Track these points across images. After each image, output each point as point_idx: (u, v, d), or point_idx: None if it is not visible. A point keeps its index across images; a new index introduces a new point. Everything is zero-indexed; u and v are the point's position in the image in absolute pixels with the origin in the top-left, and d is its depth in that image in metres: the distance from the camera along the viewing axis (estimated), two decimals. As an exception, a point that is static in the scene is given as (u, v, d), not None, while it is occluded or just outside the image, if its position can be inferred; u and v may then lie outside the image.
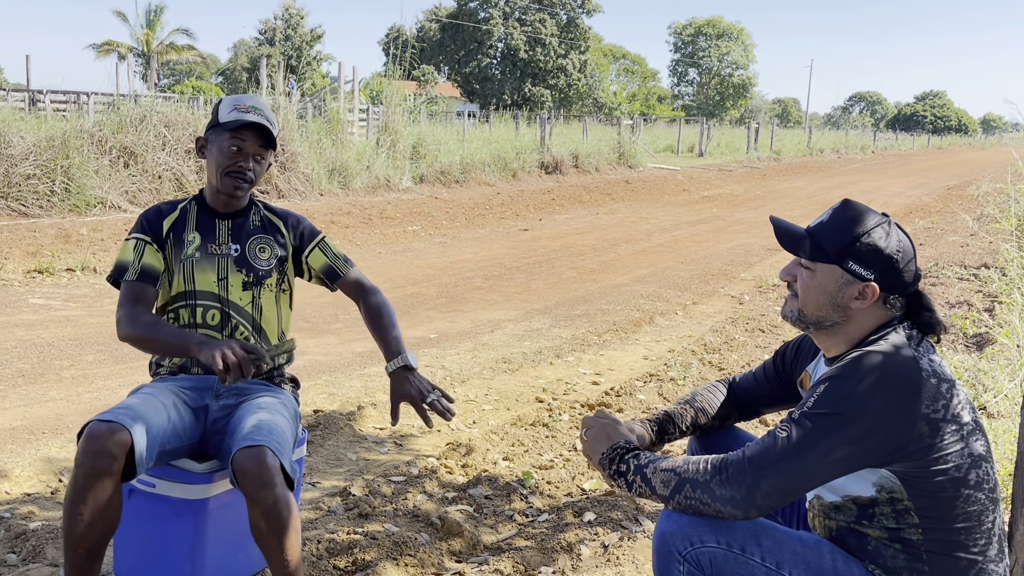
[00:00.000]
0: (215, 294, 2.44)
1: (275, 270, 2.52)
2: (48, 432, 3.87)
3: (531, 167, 18.73)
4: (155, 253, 2.43)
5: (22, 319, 5.94)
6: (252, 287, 2.48)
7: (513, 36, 51.89)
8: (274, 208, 2.62)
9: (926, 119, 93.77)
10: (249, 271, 2.48)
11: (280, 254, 2.53)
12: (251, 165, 2.43)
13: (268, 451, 2.07)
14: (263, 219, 2.57)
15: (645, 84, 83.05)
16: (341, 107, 15.17)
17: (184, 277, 2.44)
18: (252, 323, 2.48)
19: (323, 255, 2.59)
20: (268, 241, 2.52)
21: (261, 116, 2.41)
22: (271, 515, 2.05)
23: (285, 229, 2.57)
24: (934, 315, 1.77)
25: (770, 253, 10.26)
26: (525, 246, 10.39)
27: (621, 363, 5.45)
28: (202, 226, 2.48)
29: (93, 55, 49.61)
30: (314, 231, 2.62)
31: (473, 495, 3.26)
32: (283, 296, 2.58)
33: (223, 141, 2.40)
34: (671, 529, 1.73)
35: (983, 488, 1.68)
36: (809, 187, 21.56)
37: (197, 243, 2.45)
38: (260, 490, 2.04)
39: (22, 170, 9.75)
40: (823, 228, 1.79)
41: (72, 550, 2.07)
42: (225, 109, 2.44)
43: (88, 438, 2.02)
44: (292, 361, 2.62)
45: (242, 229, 2.51)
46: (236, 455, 2.07)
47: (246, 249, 2.49)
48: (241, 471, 2.05)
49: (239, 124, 2.38)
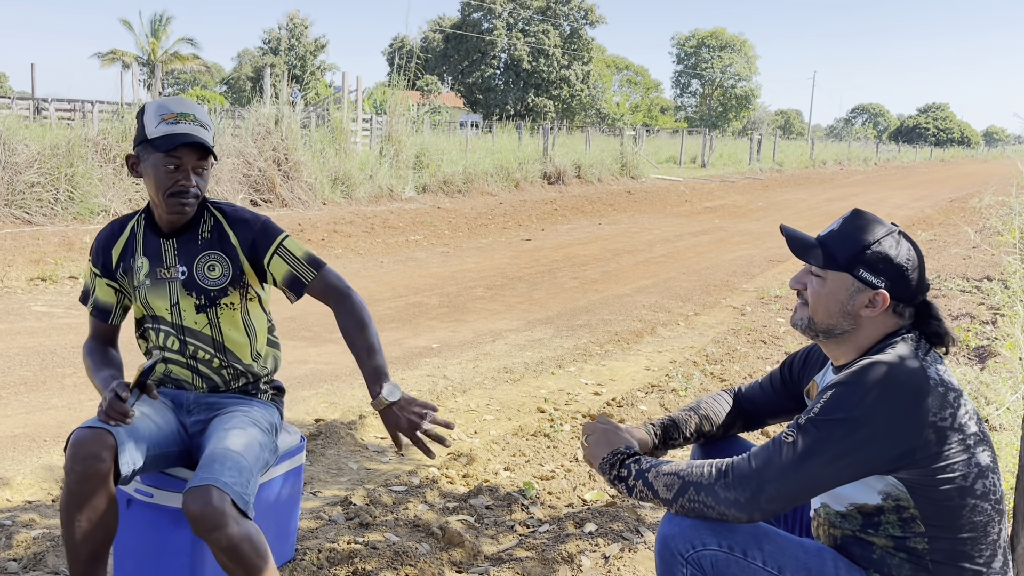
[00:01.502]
0: (169, 321, 2.34)
1: (231, 286, 2.33)
2: (50, 440, 3.87)
3: (534, 177, 18.75)
4: (105, 287, 2.39)
5: (25, 326, 5.95)
6: (206, 309, 2.32)
7: (516, 47, 52.06)
8: (227, 211, 2.37)
9: (929, 131, 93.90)
10: (199, 293, 2.31)
11: (233, 269, 2.32)
12: (193, 181, 2.22)
13: (214, 490, 1.98)
14: (213, 229, 2.34)
15: (648, 95, 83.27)
16: (344, 117, 15.22)
17: (142, 303, 2.35)
18: (213, 345, 2.35)
19: (283, 262, 2.31)
20: (218, 257, 2.32)
21: (193, 124, 2.20)
22: (230, 553, 1.97)
23: (235, 239, 2.32)
24: (943, 325, 1.78)
25: (772, 264, 10.26)
26: (527, 256, 10.40)
27: (623, 373, 5.44)
28: (149, 249, 2.33)
29: (98, 64, 49.87)
30: (269, 234, 2.33)
31: (474, 505, 3.25)
32: (252, 306, 2.40)
33: (157, 160, 2.19)
34: (673, 532, 1.74)
35: (989, 499, 1.68)
36: (812, 199, 21.57)
37: (146, 269, 2.32)
38: (210, 532, 1.96)
39: (26, 178, 9.78)
40: (834, 236, 1.80)
41: (74, 558, 2.06)
42: (152, 122, 2.20)
43: (74, 444, 2.03)
44: (276, 369, 2.52)
45: (189, 247, 2.32)
46: (184, 497, 2.00)
47: (194, 270, 2.31)
48: (189, 515, 1.97)
49: (172, 144, 2.16)
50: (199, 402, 2.38)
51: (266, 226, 2.35)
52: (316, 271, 2.32)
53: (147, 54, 49.21)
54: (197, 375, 2.39)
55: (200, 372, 2.39)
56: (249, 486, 2.08)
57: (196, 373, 2.39)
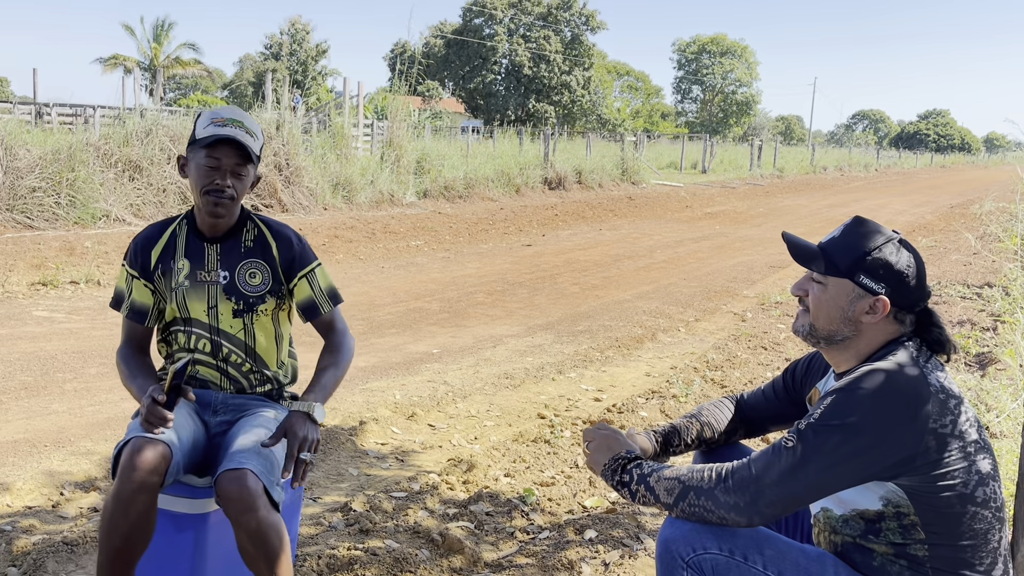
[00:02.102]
0: (205, 323, 2.38)
1: (269, 295, 2.40)
2: (50, 445, 3.87)
3: (534, 183, 18.77)
4: (143, 288, 2.41)
5: (26, 331, 5.95)
6: (243, 314, 2.38)
7: (517, 52, 52.14)
8: (272, 225, 2.47)
9: (929, 137, 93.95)
10: (239, 299, 2.37)
11: (273, 280, 2.41)
12: (229, 182, 2.29)
13: (250, 474, 2.05)
14: (257, 238, 2.42)
15: (649, 101, 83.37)
16: (346, 122, 15.25)
17: (177, 305, 2.38)
18: (245, 349, 2.41)
19: (308, 288, 2.42)
20: (259, 265, 2.40)
21: (239, 129, 2.29)
22: (256, 538, 2.03)
23: (277, 252, 2.41)
24: (944, 332, 1.78)
25: (773, 270, 10.26)
26: (528, 261, 10.40)
27: (623, 379, 5.44)
28: (191, 252, 2.39)
29: (100, 69, 49.92)
30: (306, 259, 2.44)
31: (474, 511, 3.25)
32: (282, 316, 2.48)
33: (199, 159, 2.29)
34: (674, 535, 1.75)
35: (990, 506, 1.68)
36: (812, 204, 21.58)
37: (186, 271, 2.37)
38: (243, 514, 2.02)
39: (28, 183, 9.79)
40: (835, 243, 1.81)
41: (110, 563, 2.07)
42: (202, 124, 2.32)
43: (134, 453, 2.02)
44: (295, 380, 2.59)
45: (232, 253, 2.39)
46: (219, 478, 2.06)
47: (235, 275, 2.38)
48: (223, 495, 2.03)
49: (214, 140, 2.26)
50: (227, 403, 2.41)
51: (305, 250, 2.46)
52: (333, 306, 2.47)
53: (149, 59, 49.30)
54: (226, 377, 2.43)
55: (229, 375, 2.43)
56: (277, 481, 2.14)
57: (225, 375, 2.43)
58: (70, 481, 3.45)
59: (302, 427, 2.18)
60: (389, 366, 5.51)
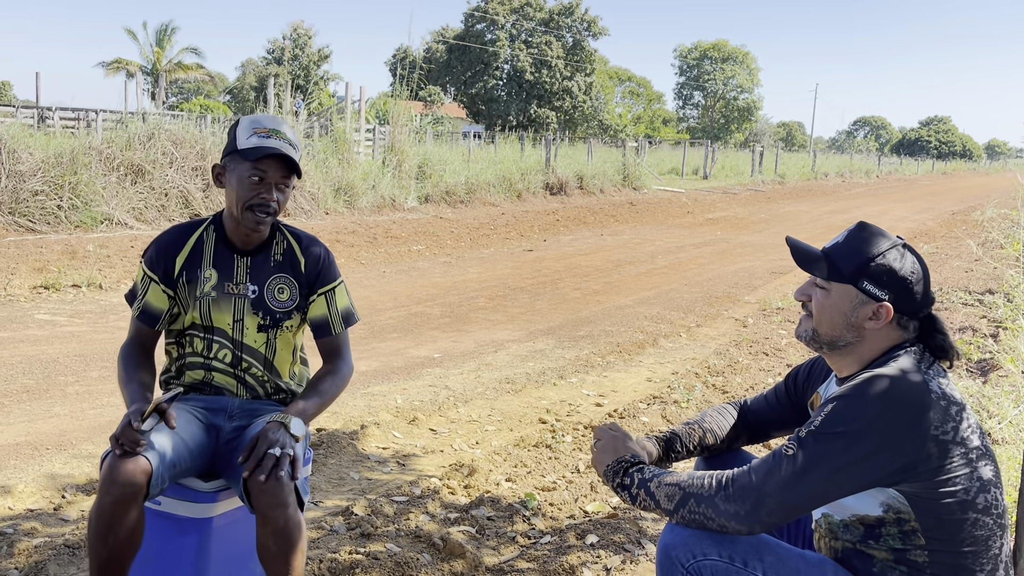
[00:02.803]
0: (229, 335, 2.36)
1: (296, 310, 2.39)
2: (52, 448, 3.87)
3: (536, 188, 18.78)
4: (160, 292, 2.35)
5: (28, 335, 5.96)
6: (268, 329, 2.37)
7: (519, 58, 52.23)
8: (302, 239, 2.43)
9: (930, 144, 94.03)
10: (266, 314, 2.36)
11: (300, 296, 2.39)
12: (275, 196, 2.26)
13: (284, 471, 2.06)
14: (285, 251, 2.40)
15: (650, 106, 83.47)
16: (348, 126, 15.27)
17: (200, 313, 2.35)
18: (264, 362, 2.41)
19: (325, 306, 2.40)
20: (287, 281, 2.38)
21: (283, 141, 2.25)
22: (281, 535, 2.04)
23: (304, 267, 2.39)
24: (947, 339, 1.78)
25: (774, 276, 10.26)
26: (529, 266, 10.41)
27: (624, 385, 5.44)
28: (219, 262, 2.35)
29: (103, 73, 50.07)
30: (330, 275, 2.42)
31: (475, 516, 3.25)
32: (302, 328, 2.48)
33: (243, 171, 2.23)
34: (674, 541, 1.74)
35: (991, 513, 1.68)
36: (813, 211, 21.59)
37: (214, 281, 2.33)
38: (273, 509, 2.03)
39: (30, 186, 9.80)
40: (839, 249, 1.81)
41: (99, 571, 2.07)
42: (243, 134, 2.26)
43: (110, 468, 2.02)
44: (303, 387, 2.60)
45: (262, 267, 2.36)
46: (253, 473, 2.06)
47: (264, 290, 2.36)
48: (257, 489, 2.03)
49: (261, 155, 2.21)
50: (243, 408, 2.41)
51: (331, 267, 2.43)
52: (344, 327, 2.44)
53: (151, 63, 49.43)
54: (242, 385, 2.43)
55: (246, 383, 2.43)
56: (304, 481, 2.15)
57: (242, 383, 2.43)
58: (71, 484, 3.45)
59: (274, 432, 2.10)
60: (390, 370, 5.51)
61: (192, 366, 2.42)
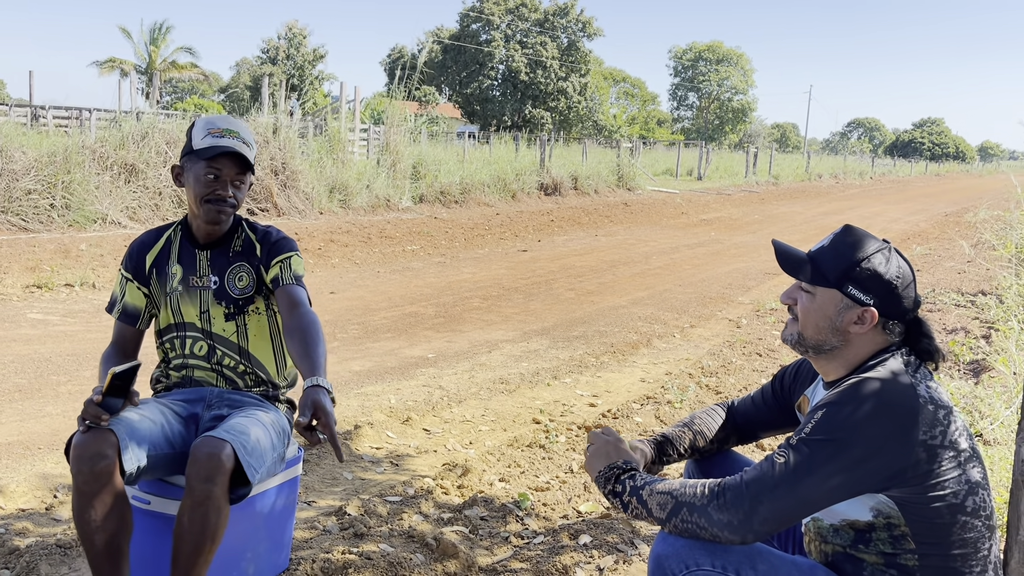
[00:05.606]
0: (199, 327, 2.46)
1: (256, 294, 2.47)
2: (44, 448, 3.86)
3: (530, 188, 18.79)
4: (136, 290, 2.48)
5: (20, 334, 5.94)
6: (234, 317, 2.45)
7: (514, 58, 52.23)
8: (257, 227, 2.54)
9: (924, 146, 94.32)
10: (229, 302, 2.44)
11: (257, 279, 2.46)
12: (231, 192, 2.37)
13: (228, 447, 2.05)
14: (244, 242, 2.49)
15: (645, 107, 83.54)
16: (342, 126, 15.25)
17: (171, 310, 2.46)
18: (239, 351, 2.47)
19: (278, 268, 2.43)
20: (246, 268, 2.46)
21: (236, 139, 2.35)
22: (196, 510, 2.02)
23: (260, 252, 2.47)
24: (933, 342, 1.77)
25: (768, 277, 10.28)
26: (524, 267, 10.41)
27: (618, 385, 5.45)
28: (184, 258, 2.46)
29: (96, 72, 49.88)
30: (284, 248, 2.46)
31: (469, 516, 3.25)
32: (269, 312, 2.52)
33: (199, 170, 2.34)
34: (667, 552, 1.72)
35: (980, 515, 1.68)
36: (807, 212, 21.63)
37: (179, 276, 2.45)
38: (201, 482, 2.02)
39: (23, 185, 9.78)
40: (824, 253, 1.80)
41: (96, 561, 2.07)
42: (199, 134, 2.36)
43: (77, 446, 2.04)
44: (293, 384, 2.60)
45: (220, 259, 2.46)
46: (196, 443, 2.08)
47: (225, 280, 2.45)
48: (192, 457, 2.04)
49: (215, 153, 2.31)
50: (222, 397, 2.45)
51: (285, 240, 2.49)
52: (295, 283, 2.40)
53: (146, 63, 49.28)
54: (221, 377, 2.49)
55: (225, 375, 2.49)
56: (257, 469, 2.13)
57: (220, 375, 2.49)
58: (64, 484, 3.44)
59: (328, 403, 2.00)
60: (384, 370, 5.51)
61: (176, 367, 2.51)
